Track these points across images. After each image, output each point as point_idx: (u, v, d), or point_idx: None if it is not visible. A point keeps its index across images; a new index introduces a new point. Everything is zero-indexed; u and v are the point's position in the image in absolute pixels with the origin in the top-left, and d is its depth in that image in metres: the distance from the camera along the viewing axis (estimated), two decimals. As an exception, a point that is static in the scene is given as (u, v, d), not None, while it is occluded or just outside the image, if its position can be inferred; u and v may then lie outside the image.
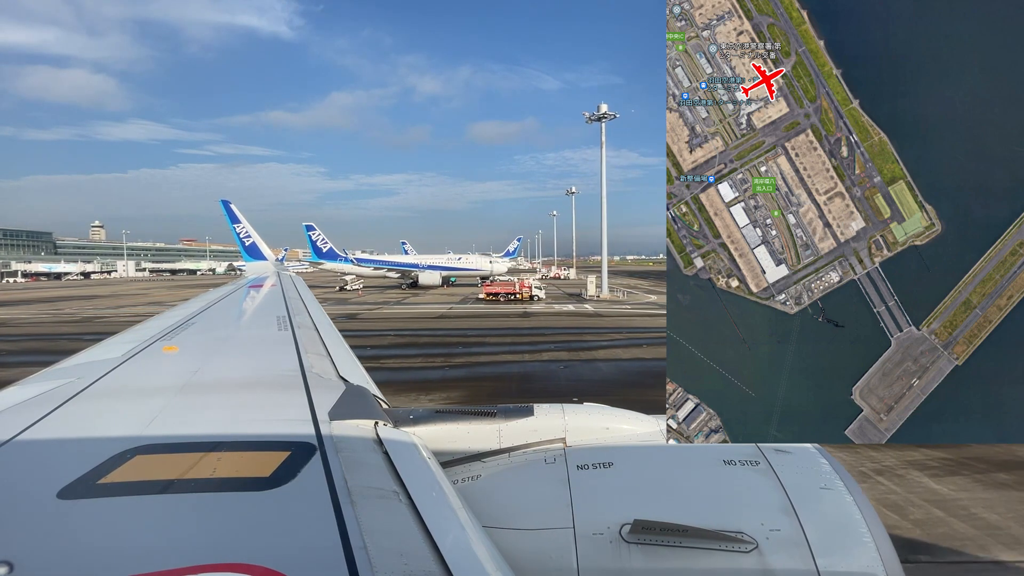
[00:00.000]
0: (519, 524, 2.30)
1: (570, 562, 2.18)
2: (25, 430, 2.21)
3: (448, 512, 1.78)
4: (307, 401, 2.66)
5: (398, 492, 1.79)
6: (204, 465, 1.89)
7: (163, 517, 1.61)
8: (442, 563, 1.41)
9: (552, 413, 2.90)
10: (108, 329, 16.16)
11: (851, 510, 2.29)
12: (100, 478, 1.77)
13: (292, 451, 2.01)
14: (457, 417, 2.85)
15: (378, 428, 2.40)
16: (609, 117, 51.27)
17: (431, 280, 60.99)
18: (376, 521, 1.56)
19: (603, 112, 51.13)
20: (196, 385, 3.04)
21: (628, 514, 2.23)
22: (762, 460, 2.49)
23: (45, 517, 1.56)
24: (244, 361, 3.91)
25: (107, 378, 3.11)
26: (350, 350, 4.54)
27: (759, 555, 2.14)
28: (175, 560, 1.34)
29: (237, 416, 2.53)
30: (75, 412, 2.50)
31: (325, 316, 6.29)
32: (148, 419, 2.34)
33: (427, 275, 61.25)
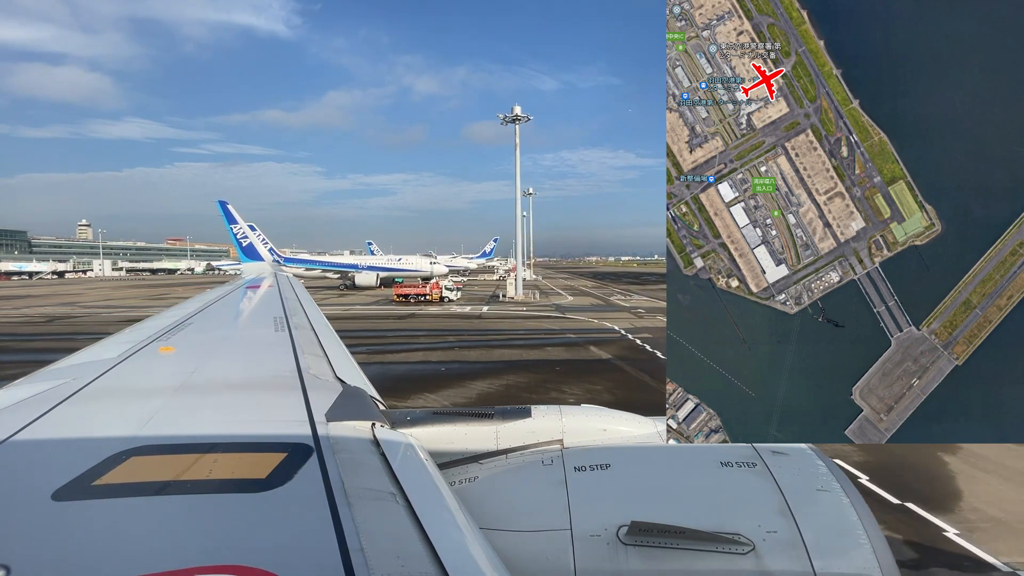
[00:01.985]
0: (516, 526, 2.29)
1: (567, 564, 2.17)
2: (20, 431, 2.18)
3: (445, 514, 1.77)
4: (304, 402, 2.65)
5: (395, 494, 1.78)
6: (200, 466, 1.87)
7: (158, 519, 1.59)
8: (439, 565, 1.39)
9: (550, 414, 2.89)
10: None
11: (847, 512, 2.29)
12: (95, 479, 1.75)
13: (289, 452, 1.99)
14: (454, 418, 2.84)
15: (375, 429, 2.38)
16: (522, 119, 52.39)
17: (367, 281, 61.26)
18: (373, 523, 1.54)
19: (516, 114, 52.25)
20: (193, 386, 3.02)
21: (625, 516, 2.22)
22: (759, 462, 2.49)
23: (39, 519, 1.54)
24: (241, 362, 3.89)
25: (103, 379, 3.09)
26: (347, 351, 4.52)
27: (756, 557, 2.14)
28: (170, 562, 1.32)
29: (233, 417, 2.51)
30: (70, 413, 2.47)
31: (322, 317, 6.27)
32: (144, 420, 2.33)
33: (363, 276, 61.60)
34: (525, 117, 52.37)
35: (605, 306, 42.38)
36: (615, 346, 23.83)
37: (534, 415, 2.86)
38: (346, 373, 3.58)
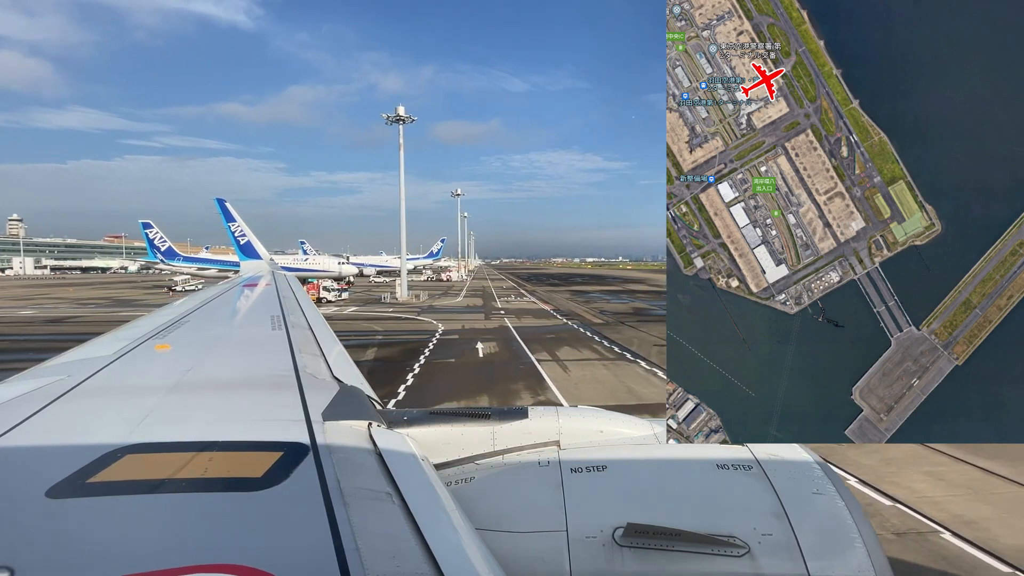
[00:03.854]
0: (512, 527, 2.28)
1: (563, 565, 2.17)
2: (13, 428, 2.16)
3: (441, 514, 1.75)
4: (300, 401, 2.63)
5: (391, 494, 1.77)
6: (195, 465, 1.85)
7: (153, 517, 1.57)
8: (435, 565, 1.38)
9: (546, 416, 2.89)
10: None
11: (842, 515, 2.30)
12: (89, 477, 1.73)
13: (285, 452, 1.97)
14: (451, 419, 2.82)
15: (372, 429, 2.37)
16: (406, 120, 53.52)
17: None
18: (369, 523, 1.53)
19: (400, 115, 53.28)
20: (188, 384, 3.00)
21: (621, 517, 2.22)
22: (755, 464, 2.50)
23: (33, 516, 1.52)
24: (237, 360, 3.87)
25: (97, 376, 3.06)
26: (344, 351, 4.51)
27: (751, 559, 2.15)
28: (164, 561, 1.30)
29: (229, 416, 2.49)
30: (64, 410, 2.45)
31: (320, 316, 6.26)
32: (139, 418, 2.31)
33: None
34: (409, 118, 53.87)
35: (478, 308, 43.16)
36: (398, 348, 24.26)
37: (531, 416, 2.86)
38: (343, 372, 3.56)
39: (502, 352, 23.88)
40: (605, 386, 17.58)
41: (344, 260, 70.84)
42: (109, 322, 32.05)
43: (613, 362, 21.61)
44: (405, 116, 53.47)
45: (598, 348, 24.75)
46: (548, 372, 19.58)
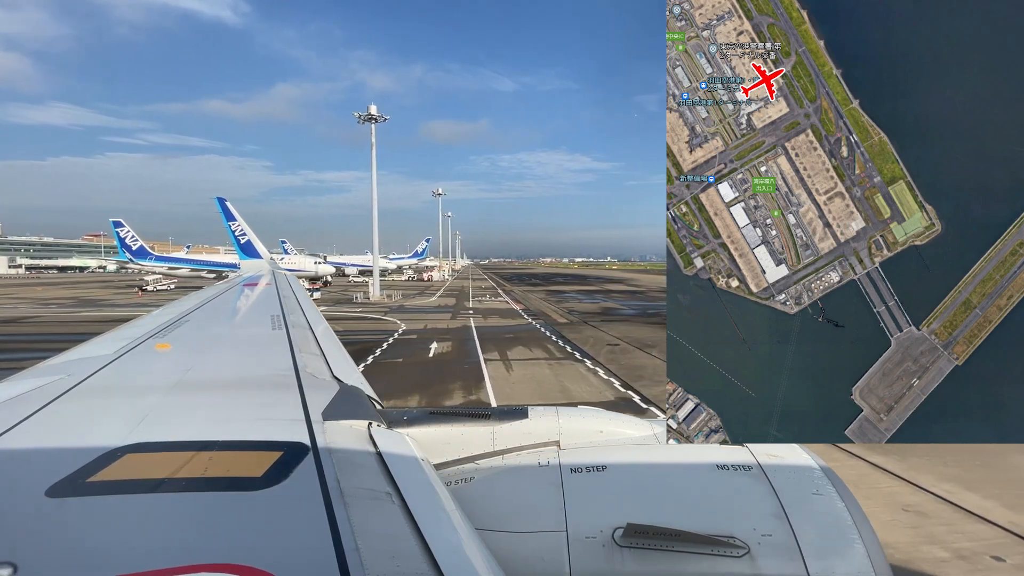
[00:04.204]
0: (512, 527, 2.28)
1: (562, 565, 2.17)
2: (13, 427, 2.16)
3: (441, 514, 1.75)
4: (300, 401, 2.63)
5: (391, 494, 1.77)
6: (195, 464, 1.85)
7: (153, 516, 1.57)
8: (434, 566, 1.38)
9: (546, 415, 2.89)
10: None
11: (842, 515, 2.30)
12: (89, 476, 1.73)
13: (285, 451, 1.97)
14: (451, 419, 2.82)
15: (372, 429, 2.37)
16: (379, 119, 52.95)
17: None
18: (369, 523, 1.53)
19: (372, 113, 52.70)
20: (189, 383, 3.00)
21: (621, 518, 2.22)
22: (754, 464, 2.49)
23: (33, 515, 1.52)
24: (237, 360, 3.87)
25: (98, 375, 3.06)
26: (344, 350, 4.50)
27: (751, 560, 2.15)
28: (164, 560, 1.30)
29: (229, 415, 2.49)
30: (65, 410, 2.45)
31: (320, 316, 6.26)
32: (139, 417, 2.31)
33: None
34: (381, 116, 53.33)
35: (448, 308, 42.78)
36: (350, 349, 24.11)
37: (531, 416, 2.86)
38: (343, 372, 3.56)
39: (453, 352, 23.64)
40: (542, 385, 17.51)
41: (321, 260, 69.88)
42: (67, 323, 31.44)
43: (559, 362, 21.44)
44: (377, 115, 52.91)
45: (551, 348, 24.51)
46: (491, 371, 19.31)
